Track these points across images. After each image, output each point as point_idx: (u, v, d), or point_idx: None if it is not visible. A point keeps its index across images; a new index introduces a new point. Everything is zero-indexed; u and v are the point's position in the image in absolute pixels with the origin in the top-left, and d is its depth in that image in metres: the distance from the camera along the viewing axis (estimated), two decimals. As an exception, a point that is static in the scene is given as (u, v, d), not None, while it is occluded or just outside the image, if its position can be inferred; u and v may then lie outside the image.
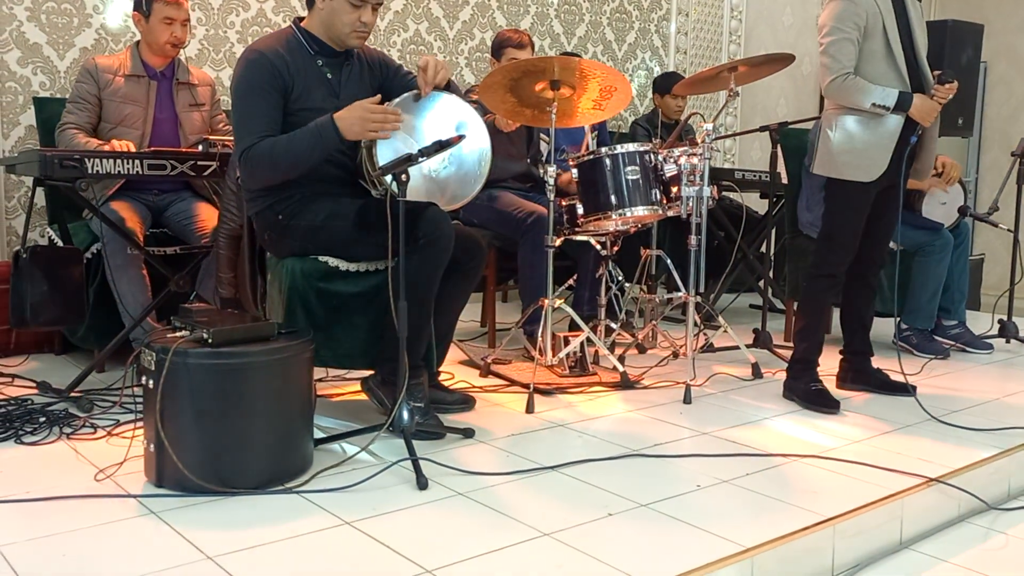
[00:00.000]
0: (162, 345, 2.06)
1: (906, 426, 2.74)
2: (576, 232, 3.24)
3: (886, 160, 2.89)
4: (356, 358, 2.69)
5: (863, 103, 2.84)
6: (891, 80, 2.87)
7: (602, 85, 3.11)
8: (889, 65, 2.87)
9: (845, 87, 2.85)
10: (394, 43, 4.58)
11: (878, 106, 2.83)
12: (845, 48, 2.84)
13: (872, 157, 2.89)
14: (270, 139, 2.47)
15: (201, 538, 1.83)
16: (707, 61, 5.93)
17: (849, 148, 2.90)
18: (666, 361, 3.50)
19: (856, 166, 2.90)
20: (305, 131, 2.47)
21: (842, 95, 2.88)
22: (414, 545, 1.82)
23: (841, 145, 2.92)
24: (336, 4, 2.54)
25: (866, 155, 2.89)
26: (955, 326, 3.94)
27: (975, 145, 6.92)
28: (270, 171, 2.51)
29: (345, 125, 2.45)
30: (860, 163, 2.90)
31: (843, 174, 2.92)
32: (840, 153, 2.92)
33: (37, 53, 3.68)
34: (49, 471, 2.21)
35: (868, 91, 2.84)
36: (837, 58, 2.84)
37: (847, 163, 2.91)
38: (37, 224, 3.61)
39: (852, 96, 2.86)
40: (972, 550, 2.13)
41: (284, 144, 2.47)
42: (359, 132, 2.45)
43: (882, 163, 2.89)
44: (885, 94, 2.83)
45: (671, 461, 2.38)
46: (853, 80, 2.85)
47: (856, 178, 2.90)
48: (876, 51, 2.86)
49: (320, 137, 2.46)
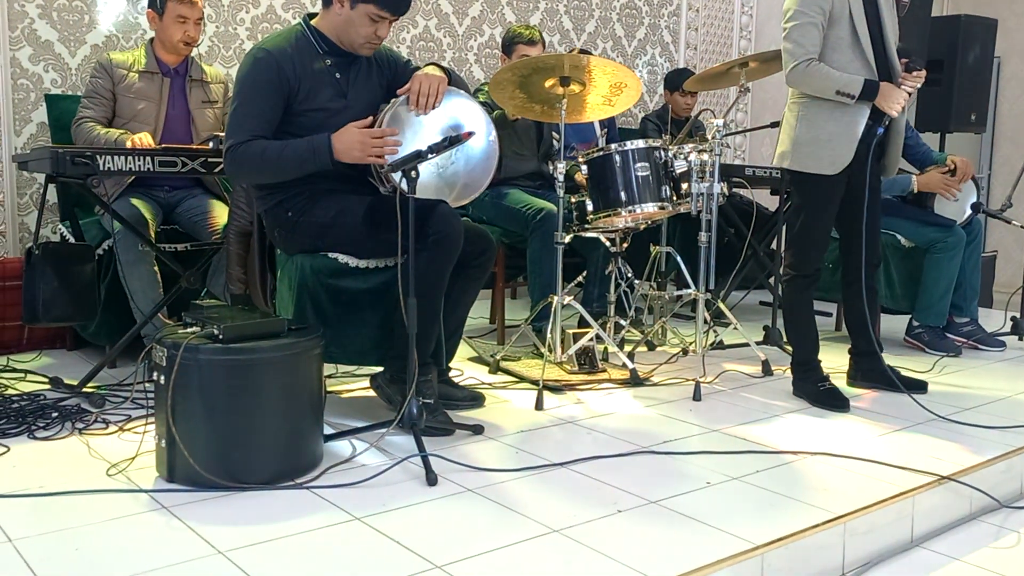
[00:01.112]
0: (173, 341, 2.07)
1: (917, 424, 2.73)
2: (586, 229, 3.24)
3: (851, 152, 2.79)
4: (366, 354, 2.69)
5: (827, 90, 2.75)
6: (857, 69, 2.77)
7: (612, 81, 3.11)
8: (856, 54, 2.78)
9: (808, 73, 2.75)
10: (403, 39, 4.58)
11: (842, 94, 2.74)
12: (809, 33, 2.74)
13: (836, 149, 2.79)
14: (263, 142, 2.47)
15: (212, 533, 1.84)
16: (717, 57, 5.91)
17: (812, 138, 2.81)
18: (676, 358, 3.50)
19: (819, 158, 2.81)
20: (299, 145, 2.47)
21: (805, 82, 2.78)
22: (424, 541, 1.82)
23: (804, 136, 2.83)
24: (355, 15, 2.52)
25: (830, 146, 2.80)
26: (967, 323, 3.92)
27: (988, 141, 6.87)
28: (255, 173, 2.52)
29: (343, 148, 2.45)
30: (824, 155, 2.80)
31: (806, 166, 2.84)
32: (803, 144, 2.83)
33: (48, 50, 3.70)
34: (61, 466, 2.23)
35: (832, 78, 2.74)
36: (800, 43, 2.75)
37: (810, 155, 2.83)
38: (49, 221, 3.63)
39: (815, 83, 2.76)
40: (983, 548, 2.12)
41: (276, 151, 2.47)
42: (359, 157, 2.46)
43: (847, 155, 2.79)
44: (850, 81, 2.73)
45: (680, 458, 2.37)
46: (816, 66, 2.75)
47: (820, 171, 2.82)
48: (842, 38, 2.77)
49: (314, 155, 2.46)
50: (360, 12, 2.51)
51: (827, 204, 2.89)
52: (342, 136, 2.46)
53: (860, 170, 2.83)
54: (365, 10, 2.51)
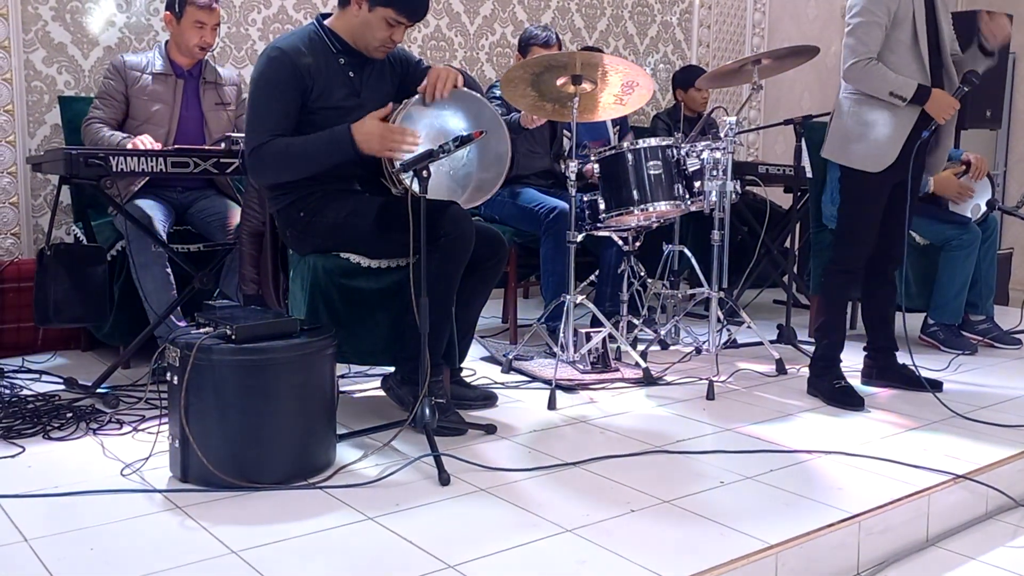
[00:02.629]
0: (186, 341, 2.08)
1: (932, 422, 2.71)
2: (598, 228, 3.23)
3: (895, 152, 2.82)
4: (378, 354, 2.69)
5: (880, 91, 2.79)
6: (913, 72, 2.80)
7: (624, 80, 3.10)
8: (913, 57, 2.81)
9: (867, 72, 2.79)
10: (415, 39, 4.59)
11: (895, 95, 2.77)
12: (873, 32, 2.78)
13: (882, 147, 2.82)
14: (284, 139, 2.48)
15: (225, 533, 1.85)
16: (730, 55, 5.88)
17: (860, 135, 2.85)
18: (689, 357, 3.48)
19: (864, 155, 2.84)
20: (321, 137, 2.48)
21: (862, 80, 2.82)
22: (437, 541, 1.82)
23: (852, 131, 2.86)
24: (372, 18, 2.52)
25: (876, 144, 2.83)
26: (983, 321, 3.88)
27: (1003, 137, 6.81)
28: (279, 171, 2.52)
29: (362, 138, 2.45)
30: (869, 152, 2.84)
31: (851, 161, 2.87)
32: (851, 141, 2.87)
33: (62, 52, 3.72)
34: (76, 466, 2.24)
35: (887, 79, 2.77)
36: (863, 41, 2.78)
37: (855, 151, 2.86)
38: (63, 222, 3.65)
39: (872, 82, 2.80)
40: (1000, 548, 2.10)
41: (298, 147, 2.48)
42: (377, 149, 2.47)
43: (891, 154, 2.82)
44: (904, 84, 2.77)
45: (694, 457, 2.36)
46: (875, 66, 2.78)
47: (863, 167, 2.84)
48: (902, 41, 2.80)
49: (336, 146, 2.47)
50: (378, 15, 2.52)
51: (872, 200, 2.91)
52: (362, 126, 2.46)
53: (904, 170, 2.84)
54: (383, 14, 2.51)
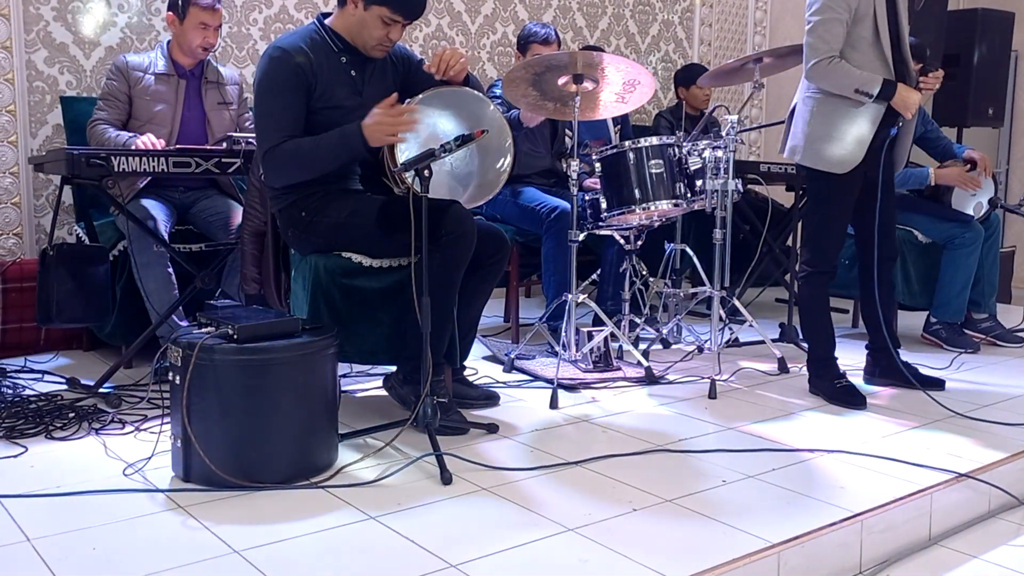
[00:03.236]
0: (188, 341, 2.08)
1: (934, 421, 2.70)
2: (600, 226, 3.23)
3: (861, 152, 2.79)
4: (379, 354, 2.69)
5: (846, 88, 2.75)
6: (876, 68, 2.77)
7: (625, 78, 3.10)
8: (876, 53, 2.77)
9: (830, 70, 2.75)
10: (416, 38, 4.58)
11: (861, 92, 2.73)
12: (834, 29, 2.74)
13: (848, 147, 2.79)
14: (295, 140, 2.48)
15: (228, 532, 1.85)
16: (732, 53, 5.88)
17: (824, 135, 2.81)
18: (691, 356, 3.48)
19: (830, 155, 2.80)
20: (331, 136, 2.48)
21: (826, 78, 2.77)
22: (439, 540, 1.82)
23: (816, 131, 2.82)
24: (368, 17, 2.53)
25: (842, 144, 2.79)
26: (985, 319, 3.88)
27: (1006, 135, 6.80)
28: (293, 172, 2.52)
29: (369, 133, 2.45)
30: (835, 152, 2.80)
31: (816, 163, 2.83)
32: (815, 140, 2.82)
33: (64, 52, 3.72)
34: (78, 466, 2.24)
35: (852, 76, 2.73)
36: (825, 38, 2.75)
37: (822, 152, 2.82)
38: (65, 222, 3.65)
39: (836, 80, 2.76)
40: (1003, 547, 2.10)
41: (309, 147, 2.48)
42: (379, 139, 2.46)
43: (858, 154, 2.79)
44: (869, 80, 2.73)
45: (696, 456, 2.36)
46: (839, 63, 2.74)
47: (829, 168, 2.81)
48: (864, 37, 2.76)
49: (346, 144, 2.47)
50: (373, 14, 2.51)
51: (842, 200, 2.88)
52: (368, 120, 2.46)
53: (873, 167, 2.81)
54: (378, 12, 2.51)
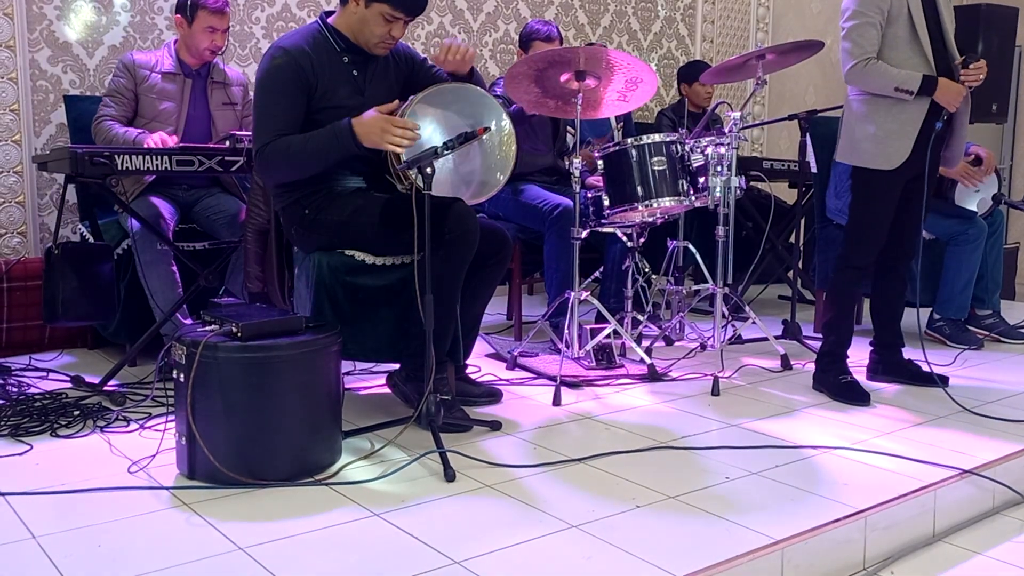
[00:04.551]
0: (192, 339, 2.08)
1: (938, 417, 2.70)
2: (602, 224, 3.23)
3: (908, 147, 2.82)
4: (383, 351, 2.70)
5: (885, 88, 2.78)
6: (916, 66, 2.79)
7: (627, 76, 3.10)
8: (914, 51, 2.80)
9: (867, 72, 2.79)
10: (418, 36, 4.59)
11: (901, 91, 2.76)
12: (867, 33, 2.78)
13: (894, 144, 2.82)
14: (285, 138, 2.48)
15: (232, 529, 1.85)
16: (734, 49, 5.87)
17: (870, 135, 2.84)
18: (694, 353, 3.48)
19: (877, 153, 2.84)
20: (322, 134, 2.47)
21: (864, 80, 2.81)
22: (442, 537, 1.83)
23: (862, 132, 2.86)
24: (369, 14, 2.52)
25: (888, 142, 2.82)
26: (989, 316, 3.88)
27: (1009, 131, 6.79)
28: (284, 170, 2.53)
29: (364, 131, 2.44)
30: (881, 151, 2.83)
31: (865, 162, 2.87)
32: (861, 140, 2.86)
33: (67, 52, 3.72)
34: (84, 463, 2.25)
35: (890, 75, 2.77)
36: (859, 43, 2.78)
37: (868, 151, 2.85)
38: (69, 221, 3.66)
39: (874, 81, 2.79)
40: (1007, 543, 2.10)
41: (299, 144, 2.47)
42: (377, 141, 2.44)
43: (904, 151, 2.82)
44: (908, 78, 2.76)
45: (699, 453, 2.36)
46: (875, 65, 2.78)
47: (877, 166, 2.84)
48: (900, 36, 2.79)
49: (336, 141, 2.46)
50: (374, 11, 2.51)
51: (885, 197, 2.90)
52: (363, 119, 2.45)
53: (919, 164, 2.83)
54: (379, 9, 2.51)
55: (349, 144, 2.45)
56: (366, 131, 2.44)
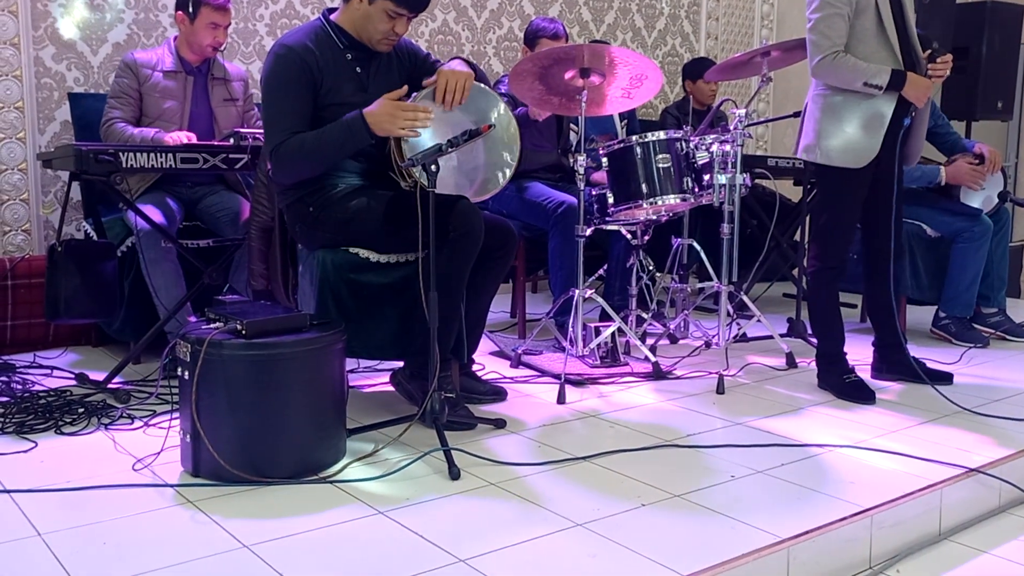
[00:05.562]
0: (197, 337, 2.08)
1: (944, 416, 2.69)
2: (607, 222, 3.22)
3: (877, 145, 2.76)
4: (387, 349, 2.69)
5: (854, 83, 2.72)
6: (884, 59, 2.73)
7: (632, 73, 3.09)
8: (881, 44, 2.73)
9: (835, 65, 2.72)
10: (422, 33, 4.58)
11: (870, 85, 2.70)
12: (836, 24, 2.70)
13: (863, 142, 2.76)
14: (299, 135, 2.48)
15: (237, 527, 1.85)
16: (739, 46, 5.86)
17: (838, 131, 2.78)
18: (698, 351, 3.48)
19: (844, 151, 2.77)
20: (334, 127, 2.48)
21: (832, 74, 2.74)
22: (447, 535, 1.82)
23: (829, 128, 2.79)
24: (372, 10, 2.52)
25: (856, 140, 2.76)
26: (995, 314, 3.87)
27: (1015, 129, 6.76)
28: (300, 167, 2.52)
29: (375, 120, 2.44)
30: (849, 148, 2.77)
31: (831, 160, 2.80)
32: (829, 137, 2.79)
33: (71, 49, 3.72)
34: (88, 461, 2.25)
35: (859, 69, 2.70)
36: (827, 35, 2.71)
37: (835, 148, 2.78)
38: (73, 218, 3.66)
39: (842, 75, 2.73)
40: (1013, 541, 2.09)
41: (313, 140, 2.47)
42: (389, 129, 2.45)
43: (873, 148, 2.76)
44: (877, 72, 2.70)
45: (704, 451, 2.36)
46: (843, 58, 2.71)
47: (845, 164, 2.78)
48: (868, 29, 2.73)
49: (350, 133, 2.46)
50: (378, 8, 2.51)
51: (853, 196, 2.86)
52: (374, 108, 2.45)
53: (888, 160, 2.79)
54: (383, 6, 2.50)
55: (362, 134, 2.45)
56: (377, 120, 2.44)
